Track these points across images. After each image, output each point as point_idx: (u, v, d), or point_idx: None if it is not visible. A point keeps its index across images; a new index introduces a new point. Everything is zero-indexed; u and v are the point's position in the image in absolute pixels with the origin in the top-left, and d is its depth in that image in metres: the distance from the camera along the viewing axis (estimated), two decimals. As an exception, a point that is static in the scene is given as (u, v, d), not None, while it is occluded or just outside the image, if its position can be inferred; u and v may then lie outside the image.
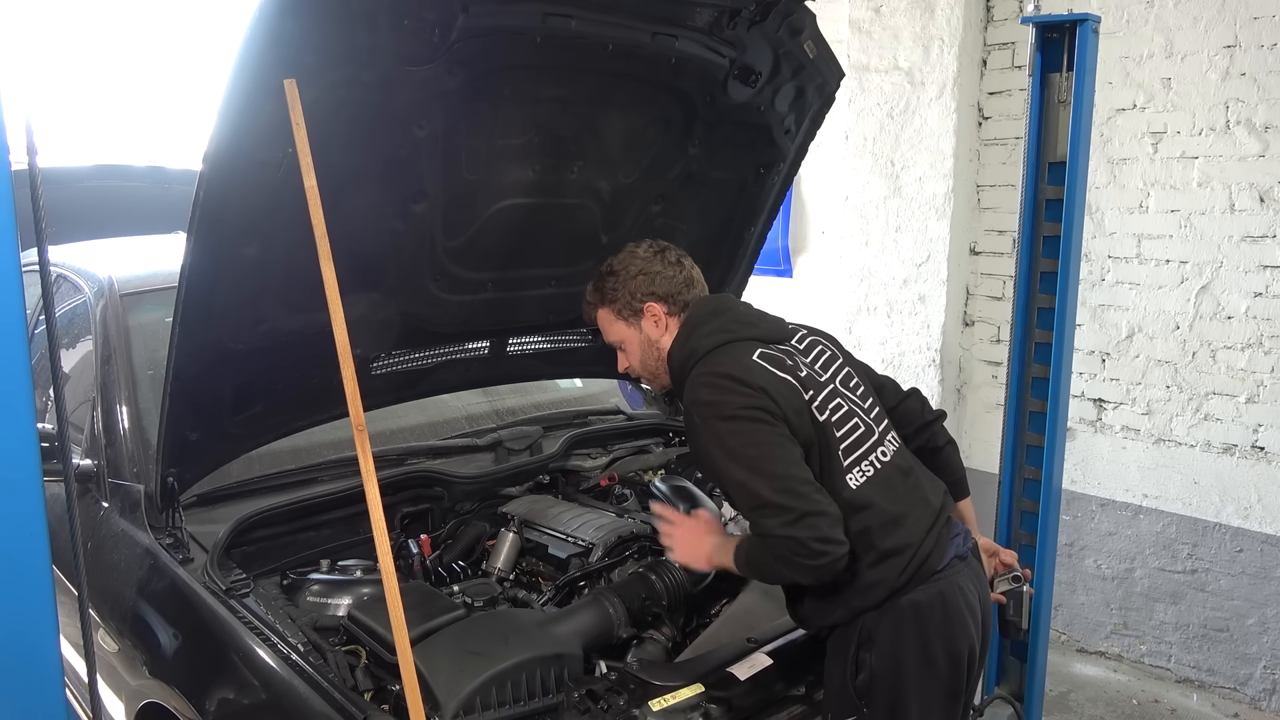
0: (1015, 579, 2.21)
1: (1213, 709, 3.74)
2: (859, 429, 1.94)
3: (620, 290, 2.07)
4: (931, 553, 1.88)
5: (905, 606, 1.84)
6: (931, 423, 2.21)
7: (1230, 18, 3.55)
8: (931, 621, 1.84)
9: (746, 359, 1.90)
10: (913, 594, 1.85)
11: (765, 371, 1.88)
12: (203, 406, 2.18)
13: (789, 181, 2.88)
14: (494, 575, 2.37)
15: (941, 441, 2.22)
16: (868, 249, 4.62)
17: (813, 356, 2.03)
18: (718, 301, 2.10)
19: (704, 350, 1.95)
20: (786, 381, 1.88)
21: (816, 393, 1.92)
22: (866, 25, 4.48)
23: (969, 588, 1.92)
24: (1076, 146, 2.64)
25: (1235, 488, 3.68)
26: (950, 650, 1.86)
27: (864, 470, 1.90)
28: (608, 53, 2.24)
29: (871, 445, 1.95)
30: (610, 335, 2.14)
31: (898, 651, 1.83)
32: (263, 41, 1.71)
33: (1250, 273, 3.60)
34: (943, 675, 1.85)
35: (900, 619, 1.84)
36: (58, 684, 1.52)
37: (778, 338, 2.02)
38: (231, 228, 1.93)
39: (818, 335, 2.12)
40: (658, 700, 1.85)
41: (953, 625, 1.86)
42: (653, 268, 2.06)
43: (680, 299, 2.06)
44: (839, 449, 1.89)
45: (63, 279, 2.98)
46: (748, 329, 1.99)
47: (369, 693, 1.84)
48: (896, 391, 2.22)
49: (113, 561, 2.30)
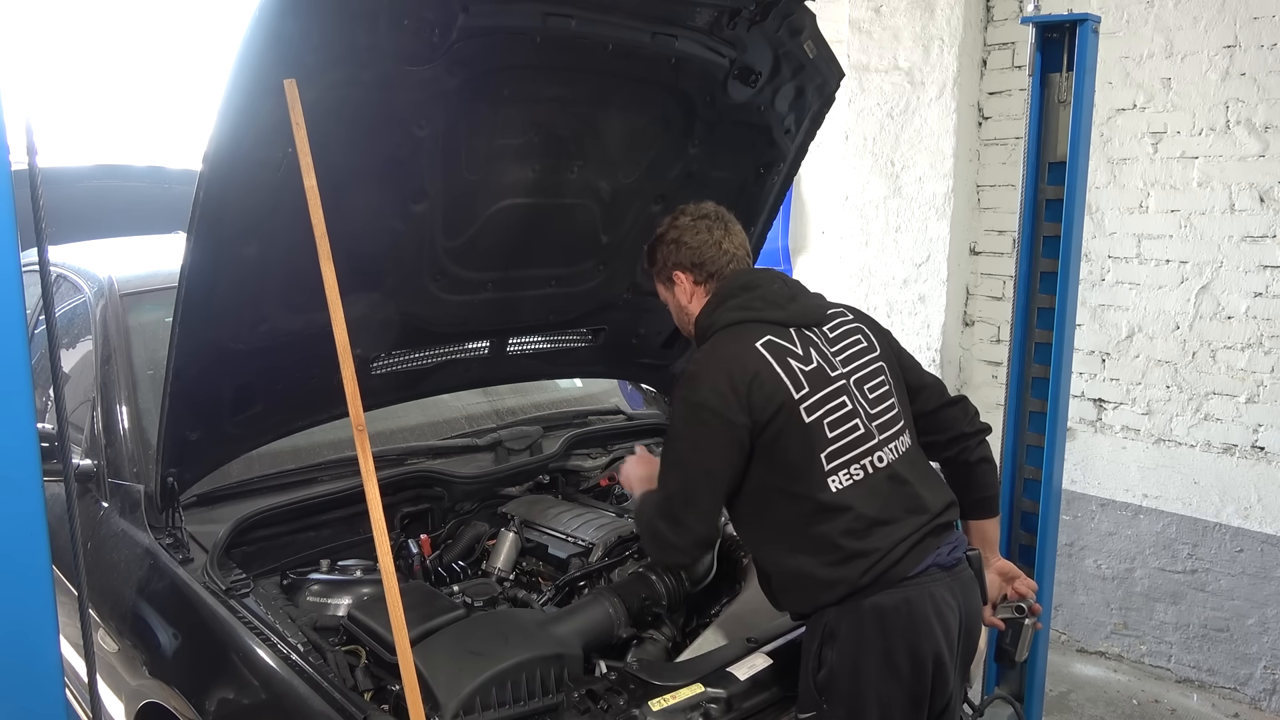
0: (1019, 609, 2.16)
1: (1213, 709, 3.74)
2: (855, 432, 1.93)
3: (657, 256, 2.15)
4: (903, 559, 1.87)
5: (868, 608, 1.84)
6: (968, 435, 2.13)
7: (1230, 18, 3.55)
8: (895, 626, 1.84)
9: (750, 344, 1.93)
10: (877, 597, 1.84)
11: (762, 360, 1.91)
12: (203, 406, 2.18)
13: (789, 181, 2.87)
14: (494, 575, 2.37)
15: (974, 457, 2.13)
16: (868, 249, 4.62)
17: (840, 346, 2.01)
18: (750, 276, 2.08)
19: (720, 325, 2.00)
20: (777, 377, 1.90)
21: (815, 390, 1.92)
22: (866, 25, 4.48)
23: (944, 597, 1.90)
24: (1076, 146, 2.65)
25: (1235, 488, 3.68)
26: (914, 655, 1.84)
27: (851, 474, 1.90)
28: (608, 53, 2.24)
29: (866, 450, 1.93)
30: (659, 295, 2.23)
31: (858, 651, 1.83)
32: (263, 41, 1.71)
33: (1250, 273, 3.59)
34: (904, 679, 1.84)
35: (862, 620, 1.84)
36: (58, 684, 1.52)
37: (805, 321, 2.01)
38: (231, 228, 1.93)
39: (859, 324, 2.09)
40: (658, 700, 1.85)
41: (918, 631, 1.85)
42: (684, 236, 2.10)
43: (707, 269, 2.08)
44: (823, 451, 1.89)
45: (63, 279, 2.98)
46: (771, 310, 1.99)
47: (369, 693, 1.84)
48: (940, 395, 2.16)
49: (113, 561, 2.30)
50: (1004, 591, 2.19)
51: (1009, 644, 2.21)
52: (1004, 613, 2.19)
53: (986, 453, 2.17)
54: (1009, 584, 2.19)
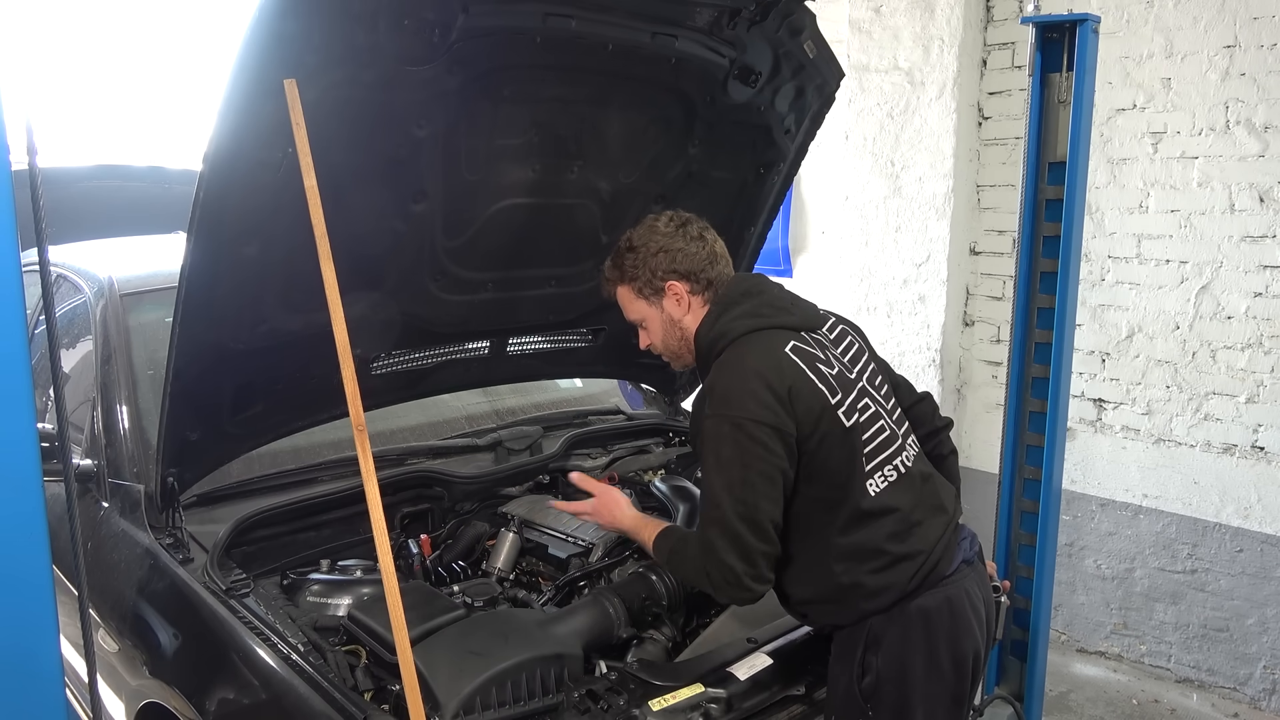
0: (994, 589, 2.18)
1: (1212, 709, 3.74)
2: (884, 432, 1.92)
3: (641, 267, 1.99)
4: (942, 558, 1.87)
5: (914, 611, 1.83)
6: (940, 430, 2.19)
7: (1230, 18, 3.55)
8: (939, 626, 1.84)
9: (779, 351, 1.85)
10: (921, 599, 1.84)
11: (795, 368, 1.83)
12: (203, 406, 2.18)
13: (789, 181, 2.88)
14: (494, 575, 2.37)
15: (946, 450, 2.19)
16: (868, 249, 4.62)
17: (843, 348, 2.00)
18: (750, 282, 2.01)
19: (736, 334, 1.89)
20: (812, 384, 1.83)
21: (845, 394, 1.87)
22: (866, 25, 4.48)
23: (975, 592, 1.92)
24: (1076, 146, 2.64)
25: (1235, 488, 3.68)
26: (956, 654, 1.85)
27: (886, 476, 1.88)
28: (608, 53, 2.24)
29: (895, 450, 1.92)
30: (630, 313, 2.07)
31: (905, 656, 1.82)
32: (263, 41, 1.71)
33: (1250, 273, 3.60)
34: (948, 679, 1.85)
35: (909, 624, 1.83)
36: (58, 684, 1.52)
37: (811, 325, 1.97)
38: (232, 228, 1.93)
39: (846, 325, 2.08)
40: (658, 700, 1.85)
41: (959, 630, 1.86)
42: (674, 244, 1.98)
43: (704, 277, 1.98)
44: (863, 453, 1.86)
45: (63, 279, 2.98)
46: (782, 315, 1.93)
47: (369, 693, 1.84)
48: (911, 392, 2.19)
49: (113, 561, 2.30)
50: None
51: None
52: None
53: (953, 445, 2.22)
54: None
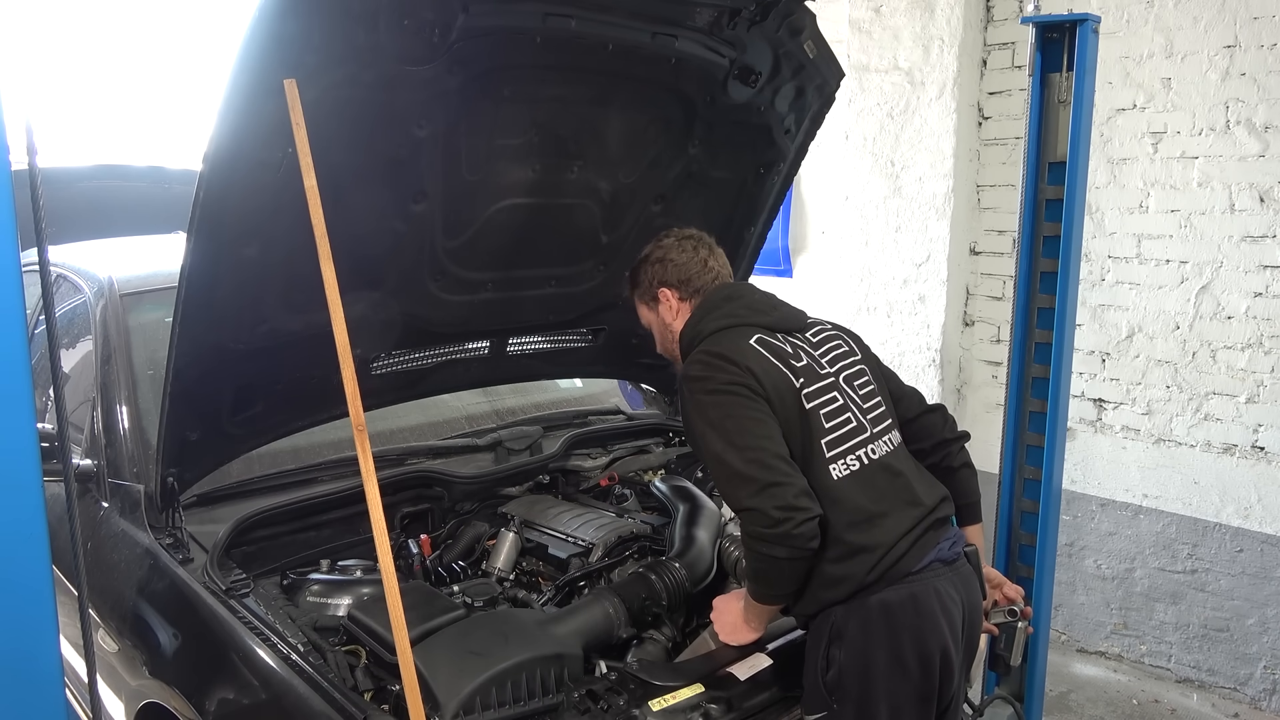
0: (1011, 613, 2.19)
1: (1213, 709, 3.74)
2: (850, 424, 1.96)
3: (642, 277, 2.20)
4: (906, 554, 1.88)
5: (874, 605, 1.84)
6: (950, 441, 2.19)
7: (1230, 18, 3.55)
8: (902, 622, 1.84)
9: (742, 342, 1.97)
10: (883, 593, 1.85)
11: (755, 353, 1.95)
12: (203, 407, 2.18)
13: (789, 181, 2.88)
14: (494, 575, 2.37)
15: (957, 463, 2.18)
16: (868, 249, 4.62)
17: (824, 350, 2.06)
18: (733, 289, 2.16)
19: (707, 332, 2.03)
20: (775, 366, 1.94)
21: (810, 382, 1.96)
22: (866, 25, 4.48)
23: (947, 591, 1.90)
24: (1076, 146, 2.65)
25: (1235, 488, 3.68)
26: (921, 652, 1.84)
27: (848, 464, 1.92)
28: (608, 53, 2.24)
29: (861, 442, 1.96)
30: (641, 319, 2.27)
31: (867, 650, 1.83)
32: (263, 41, 1.72)
33: (1250, 273, 3.59)
34: (913, 677, 1.84)
35: (869, 617, 1.84)
36: (58, 684, 1.52)
37: (789, 327, 2.06)
38: (232, 228, 1.93)
39: (839, 332, 2.16)
40: (658, 700, 1.85)
41: (924, 627, 1.85)
42: (669, 255, 2.16)
43: (692, 285, 2.14)
44: (822, 439, 1.92)
45: (63, 279, 2.98)
46: (756, 316, 2.05)
47: (369, 693, 1.84)
48: (920, 404, 2.22)
49: (113, 561, 2.30)
50: (994, 598, 2.20)
51: (1003, 649, 2.23)
52: (997, 617, 2.20)
53: (968, 458, 2.22)
54: (997, 590, 2.21)
